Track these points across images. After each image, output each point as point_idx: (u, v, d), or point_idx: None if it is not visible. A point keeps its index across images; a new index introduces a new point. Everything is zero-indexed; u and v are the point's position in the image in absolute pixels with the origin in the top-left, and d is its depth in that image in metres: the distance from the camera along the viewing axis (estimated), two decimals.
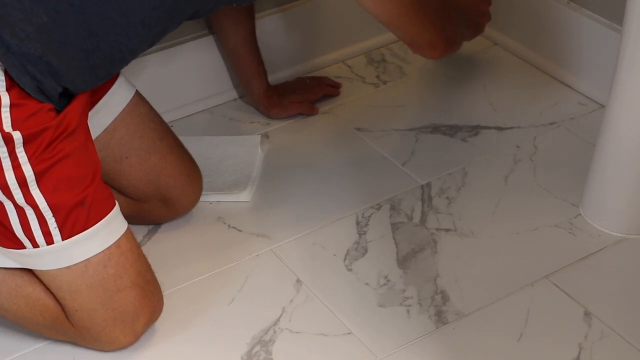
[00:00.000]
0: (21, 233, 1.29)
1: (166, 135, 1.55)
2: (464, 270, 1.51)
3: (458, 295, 1.47)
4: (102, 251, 1.32)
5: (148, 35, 1.38)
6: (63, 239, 1.29)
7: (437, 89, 1.94)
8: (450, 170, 1.71)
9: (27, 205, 1.27)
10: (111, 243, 1.33)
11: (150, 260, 1.41)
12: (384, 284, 1.49)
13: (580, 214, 1.60)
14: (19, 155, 1.25)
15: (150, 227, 1.62)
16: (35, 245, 1.30)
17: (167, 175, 1.54)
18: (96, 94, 1.46)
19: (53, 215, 1.28)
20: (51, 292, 1.35)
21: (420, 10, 1.52)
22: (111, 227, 1.34)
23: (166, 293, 1.46)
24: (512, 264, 1.52)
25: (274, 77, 1.91)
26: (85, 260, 1.31)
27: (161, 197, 1.55)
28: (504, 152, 1.76)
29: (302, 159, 1.76)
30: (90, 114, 1.43)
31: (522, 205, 1.63)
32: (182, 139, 1.60)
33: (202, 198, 1.63)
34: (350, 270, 1.52)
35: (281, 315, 1.45)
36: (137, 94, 1.53)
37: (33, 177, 1.26)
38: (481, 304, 1.45)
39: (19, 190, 1.26)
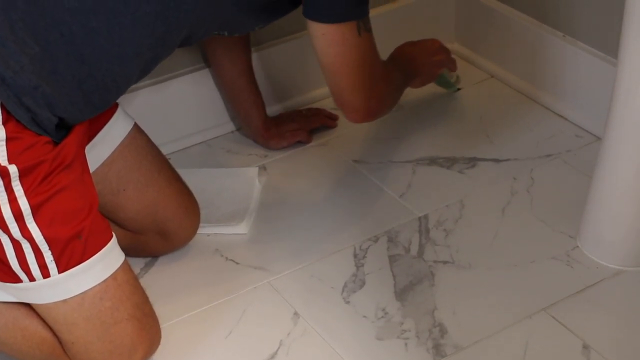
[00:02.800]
0: (17, 267, 1.29)
1: (164, 168, 1.56)
2: (462, 303, 1.51)
3: (456, 328, 1.46)
4: (99, 284, 1.32)
5: (140, 62, 1.38)
6: (59, 272, 1.29)
7: (434, 121, 1.95)
8: (447, 202, 1.71)
9: (23, 238, 1.27)
10: (108, 275, 1.32)
11: (148, 292, 1.40)
12: (382, 317, 1.49)
13: (577, 246, 1.60)
14: (15, 188, 1.25)
15: (148, 259, 1.62)
16: (31, 278, 1.29)
17: (164, 208, 1.54)
18: (94, 127, 1.46)
19: (49, 249, 1.28)
20: (48, 325, 1.35)
21: (384, 82, 1.61)
22: (108, 260, 1.33)
23: (164, 326, 1.45)
24: (510, 297, 1.52)
25: (272, 109, 1.91)
26: (81, 293, 1.31)
27: (159, 230, 1.55)
28: (501, 184, 1.76)
29: (300, 191, 1.76)
30: (88, 147, 1.43)
31: (520, 238, 1.63)
32: (179, 171, 1.60)
33: (200, 230, 1.63)
34: (348, 302, 1.52)
35: (279, 348, 1.45)
36: (135, 127, 1.54)
37: (29, 210, 1.26)
38: (479, 336, 1.44)
39: (15, 224, 1.26)
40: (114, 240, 1.35)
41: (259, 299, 1.54)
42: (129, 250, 1.45)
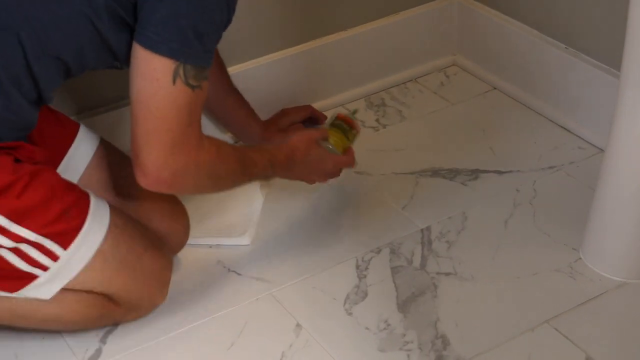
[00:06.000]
0: (27, 266, 1.32)
1: None
2: (465, 315, 1.50)
3: (458, 339, 1.46)
4: (105, 237, 1.36)
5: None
6: (65, 249, 1.33)
7: (437, 132, 1.95)
8: (450, 214, 1.71)
9: (17, 243, 1.30)
10: (107, 226, 1.37)
11: None
12: (384, 328, 1.49)
13: (580, 258, 1.60)
14: None
15: None
16: (44, 268, 1.33)
17: (149, 221, 1.53)
18: (57, 152, 1.47)
19: (45, 237, 1.31)
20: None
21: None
22: (99, 214, 1.37)
23: (166, 337, 1.45)
24: (512, 309, 1.51)
25: None
26: (97, 251, 1.36)
27: None
28: (503, 196, 1.76)
29: (302, 203, 1.76)
30: None
31: (522, 250, 1.63)
32: None
33: (203, 241, 1.63)
34: (350, 314, 1.52)
35: (281, 359, 1.44)
36: (102, 146, 1.53)
37: (7, 220, 1.29)
38: (482, 348, 1.44)
39: (3, 237, 1.29)
40: (92, 195, 1.38)
41: (261, 311, 1.53)
42: None
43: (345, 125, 1.71)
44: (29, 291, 1.36)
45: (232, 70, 1.87)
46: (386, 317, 1.51)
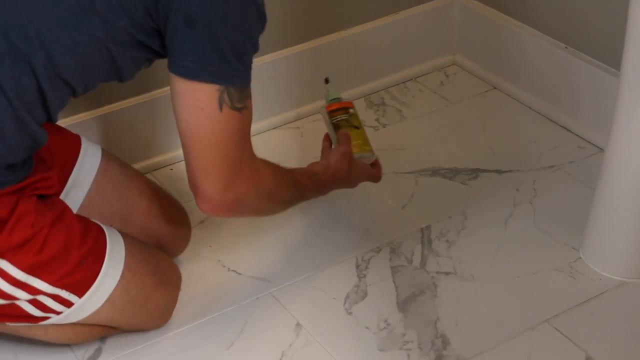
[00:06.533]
0: (41, 313, 1.33)
1: (143, 189, 1.55)
2: (465, 314, 1.50)
3: (459, 339, 1.46)
4: (117, 283, 1.36)
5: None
6: (80, 297, 1.34)
7: (437, 132, 1.95)
8: (450, 214, 1.71)
9: (34, 295, 1.30)
10: (121, 272, 1.37)
11: None
12: (384, 328, 1.49)
13: (580, 258, 1.60)
14: (1, 266, 1.27)
15: None
16: (58, 313, 1.34)
17: (155, 228, 1.54)
18: (63, 171, 1.45)
19: (62, 288, 1.31)
20: None
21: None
22: (114, 258, 1.36)
23: (165, 336, 1.46)
24: (512, 308, 1.51)
25: (277, 120, 1.91)
26: (107, 299, 1.36)
27: (155, 243, 1.54)
28: (503, 195, 1.76)
29: (302, 202, 1.76)
30: (62, 194, 1.44)
31: (522, 249, 1.63)
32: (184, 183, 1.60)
33: None
34: (350, 313, 1.52)
35: (280, 359, 1.44)
36: (104, 156, 1.52)
37: (25, 275, 1.28)
38: (482, 348, 1.44)
39: (21, 290, 1.29)
40: (109, 235, 1.37)
41: (261, 310, 1.53)
42: None
43: (343, 115, 1.68)
44: (36, 326, 1.39)
45: None
46: (386, 317, 1.51)
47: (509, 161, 1.84)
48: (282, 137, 1.93)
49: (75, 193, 1.48)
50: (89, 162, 1.50)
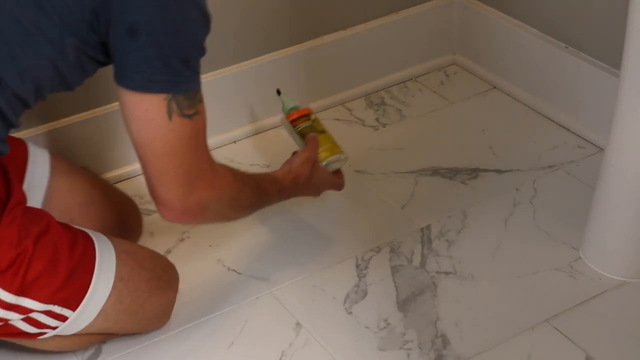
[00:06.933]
0: (36, 329, 1.33)
1: (94, 180, 1.56)
2: (465, 314, 1.50)
3: (458, 339, 1.46)
4: (110, 293, 1.35)
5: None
6: (74, 310, 1.33)
7: (437, 131, 1.95)
8: (449, 213, 1.71)
9: (27, 314, 1.30)
10: (112, 282, 1.35)
11: None
12: (384, 327, 1.49)
13: (580, 257, 1.60)
14: None
15: None
16: (54, 328, 1.34)
17: (109, 217, 1.53)
18: (18, 173, 1.44)
19: (54, 304, 1.31)
20: None
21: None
22: (105, 267, 1.35)
23: (165, 336, 1.45)
24: (512, 308, 1.51)
25: (273, 120, 1.91)
26: (101, 310, 1.35)
27: (113, 234, 1.50)
28: (503, 195, 1.76)
29: (302, 201, 1.76)
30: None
31: (522, 249, 1.63)
32: None
33: None
34: (350, 313, 1.52)
35: (281, 359, 1.44)
36: (52, 159, 1.51)
37: (15, 297, 1.27)
38: (482, 348, 1.44)
39: (12, 312, 1.28)
40: (97, 244, 1.36)
41: (261, 310, 1.53)
42: None
43: (306, 122, 1.65)
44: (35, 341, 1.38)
45: (231, 70, 1.87)
46: (386, 316, 1.51)
47: (509, 161, 1.84)
48: (282, 137, 1.93)
49: (34, 194, 1.46)
50: (39, 162, 1.49)
